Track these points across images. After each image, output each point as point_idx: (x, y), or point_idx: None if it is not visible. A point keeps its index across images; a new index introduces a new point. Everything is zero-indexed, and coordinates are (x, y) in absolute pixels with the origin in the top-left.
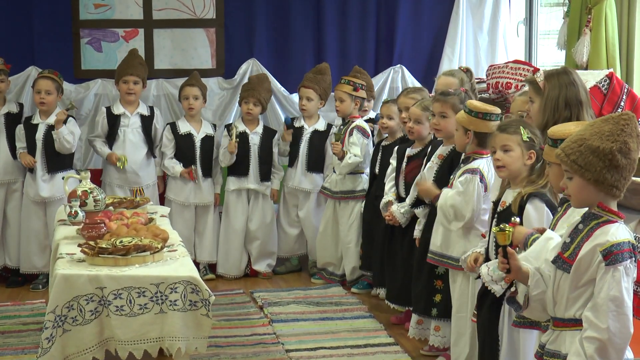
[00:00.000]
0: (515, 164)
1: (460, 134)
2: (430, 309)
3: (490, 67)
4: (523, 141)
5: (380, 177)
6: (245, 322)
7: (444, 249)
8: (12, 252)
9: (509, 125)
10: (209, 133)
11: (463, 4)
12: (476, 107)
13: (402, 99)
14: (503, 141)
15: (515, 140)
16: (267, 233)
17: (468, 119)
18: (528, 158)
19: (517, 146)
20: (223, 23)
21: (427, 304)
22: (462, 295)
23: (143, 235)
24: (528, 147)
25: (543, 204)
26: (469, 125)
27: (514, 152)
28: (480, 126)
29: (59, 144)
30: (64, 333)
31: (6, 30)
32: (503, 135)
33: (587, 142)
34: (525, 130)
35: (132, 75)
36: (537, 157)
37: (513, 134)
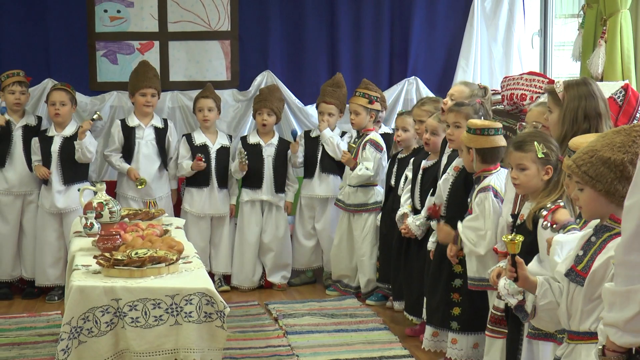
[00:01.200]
0: (532, 182)
1: (464, 154)
2: (448, 322)
3: (505, 79)
4: (538, 158)
5: (396, 189)
6: (260, 333)
7: (481, 272)
8: (28, 264)
9: (523, 142)
10: (224, 144)
11: (477, 15)
12: (474, 124)
13: (416, 110)
14: (518, 160)
15: (530, 157)
16: (281, 245)
17: (468, 137)
18: (545, 173)
19: (533, 163)
20: (238, 35)
21: (444, 316)
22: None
23: (158, 247)
24: (544, 162)
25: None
26: (470, 143)
27: (530, 170)
28: (482, 142)
29: (80, 154)
30: (80, 344)
31: (22, 42)
32: (517, 154)
33: (598, 154)
34: (540, 146)
35: (149, 88)
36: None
37: (527, 152)
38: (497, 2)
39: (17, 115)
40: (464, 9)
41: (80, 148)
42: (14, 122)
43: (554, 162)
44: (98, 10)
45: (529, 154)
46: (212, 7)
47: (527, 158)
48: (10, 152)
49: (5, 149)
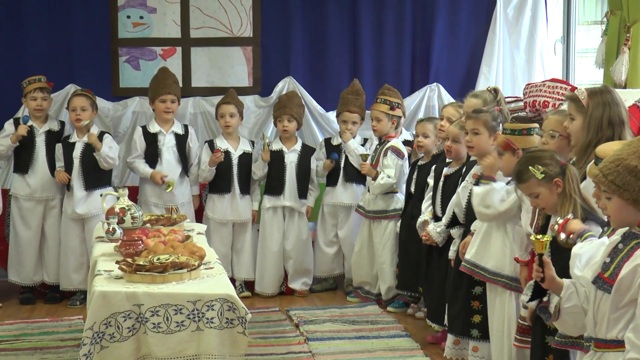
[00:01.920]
0: (550, 202)
1: (507, 157)
2: (469, 330)
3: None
4: (540, 180)
5: (416, 196)
6: (281, 340)
7: (479, 259)
8: (50, 269)
9: (520, 173)
10: (246, 150)
11: (500, 22)
12: (516, 125)
13: (449, 108)
14: (527, 190)
15: (534, 183)
16: (302, 251)
17: (515, 139)
18: (556, 188)
19: (540, 187)
20: (260, 41)
21: (465, 324)
22: (501, 312)
23: (180, 252)
24: (549, 180)
25: (599, 226)
26: (519, 144)
27: (542, 193)
28: (528, 142)
29: (103, 163)
30: (102, 350)
31: (46, 48)
32: (522, 185)
33: (624, 162)
34: (535, 168)
35: (169, 94)
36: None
37: (529, 180)
38: (520, 8)
39: (40, 121)
40: (486, 15)
41: (99, 158)
42: (37, 127)
43: (559, 172)
44: (121, 16)
45: (531, 180)
46: (235, 13)
47: (532, 185)
48: (34, 157)
49: (29, 156)
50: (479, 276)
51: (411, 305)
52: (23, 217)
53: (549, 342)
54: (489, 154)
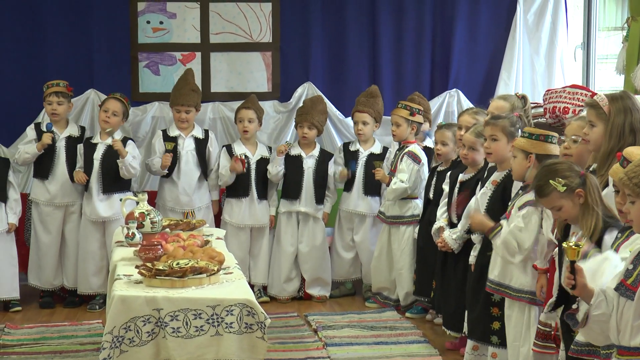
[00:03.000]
0: (573, 213)
1: (520, 160)
2: (488, 336)
3: (547, 92)
4: (562, 192)
5: (434, 202)
6: (300, 345)
7: (502, 278)
8: (70, 273)
9: (541, 188)
10: (264, 155)
11: (520, 28)
12: (536, 130)
13: (465, 117)
14: (548, 204)
15: (556, 197)
16: (318, 256)
17: (529, 143)
18: (579, 199)
19: (562, 200)
20: (279, 47)
21: (484, 331)
22: (518, 324)
23: (199, 257)
24: (571, 191)
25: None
26: (532, 149)
27: (565, 206)
28: (544, 148)
29: (124, 171)
30: (121, 354)
31: (66, 53)
32: (544, 200)
33: None
34: (556, 181)
35: (183, 105)
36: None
37: (551, 194)
38: (540, 14)
39: (60, 126)
40: (506, 21)
41: (123, 166)
42: (58, 133)
43: (580, 183)
44: (141, 21)
45: (553, 194)
46: (254, 18)
47: (555, 199)
48: (54, 163)
49: (49, 161)
50: (504, 294)
51: (430, 311)
52: (43, 222)
53: None
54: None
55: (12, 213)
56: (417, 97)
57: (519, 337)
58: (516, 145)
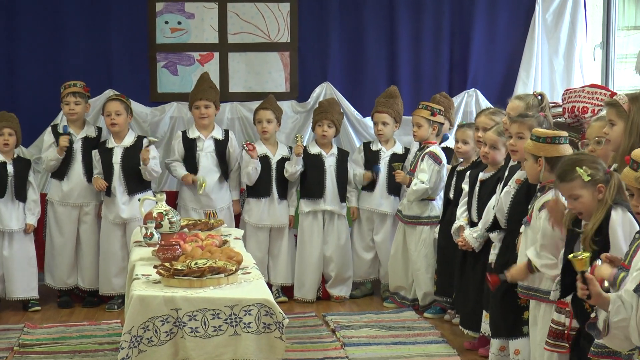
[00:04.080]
0: (590, 206)
1: (530, 164)
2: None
3: (566, 91)
4: (586, 182)
5: (455, 202)
6: (318, 345)
7: (531, 282)
8: (86, 274)
9: (566, 172)
10: (284, 155)
11: (539, 27)
12: (543, 132)
13: (482, 118)
14: (568, 191)
15: (578, 185)
16: (342, 255)
17: (536, 146)
18: (598, 193)
19: (584, 189)
20: (297, 47)
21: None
22: (545, 326)
23: (217, 257)
24: (594, 183)
25: (628, 212)
26: (539, 152)
27: (584, 197)
28: (551, 151)
29: (147, 176)
30: (140, 353)
31: (85, 54)
32: (565, 185)
33: None
34: (583, 170)
35: (202, 100)
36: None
37: (574, 180)
38: (559, 14)
39: (77, 127)
40: (524, 21)
41: (145, 171)
42: (74, 134)
43: (604, 179)
44: (159, 21)
45: (576, 181)
46: (272, 19)
47: (576, 186)
48: (71, 164)
49: (66, 162)
50: (535, 298)
51: (448, 311)
52: (57, 221)
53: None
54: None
55: (31, 214)
56: (439, 96)
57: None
58: (525, 148)
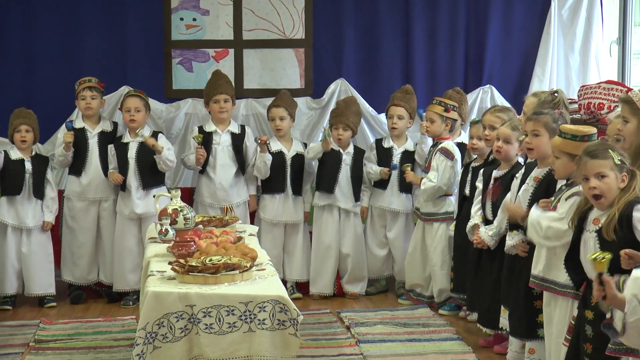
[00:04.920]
0: (612, 190)
1: (565, 161)
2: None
3: (582, 88)
4: (615, 165)
5: (470, 198)
6: (332, 342)
7: (547, 273)
8: (107, 269)
9: (598, 150)
10: (299, 151)
11: (554, 23)
12: (580, 131)
13: (488, 116)
14: (597, 168)
15: (608, 165)
16: (358, 252)
17: (574, 145)
18: (621, 181)
19: (611, 171)
20: (312, 43)
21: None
22: (562, 320)
23: (232, 253)
24: (620, 169)
25: None
26: (576, 150)
27: (609, 177)
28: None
29: (163, 165)
30: (154, 350)
31: (100, 50)
32: (595, 162)
33: None
34: (615, 153)
35: (221, 94)
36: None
37: (605, 159)
38: (575, 10)
39: (93, 122)
40: (540, 17)
41: (159, 161)
42: (90, 129)
43: (627, 170)
44: (174, 18)
45: (607, 160)
46: (287, 15)
47: (606, 165)
48: (87, 159)
49: (82, 157)
50: (549, 290)
51: (463, 308)
52: (75, 217)
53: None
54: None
55: (49, 211)
56: (452, 92)
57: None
58: (559, 147)
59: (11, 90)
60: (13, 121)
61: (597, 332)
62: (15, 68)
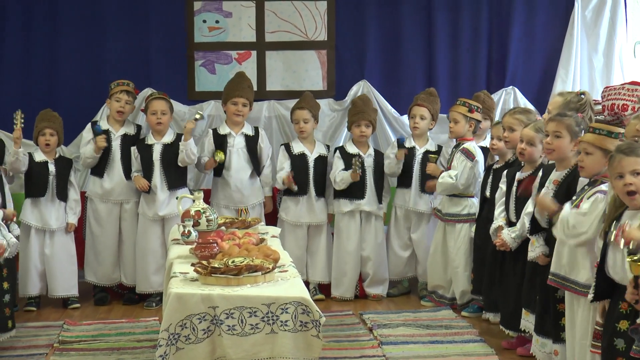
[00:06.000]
0: None
1: (598, 157)
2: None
3: (606, 89)
4: None
5: (491, 200)
6: (355, 343)
7: (569, 272)
8: (128, 270)
9: (632, 148)
10: (322, 153)
11: (578, 24)
12: (615, 128)
13: (507, 118)
14: (632, 165)
15: None
16: (379, 254)
17: (611, 141)
18: None
19: None
20: (334, 45)
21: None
22: (585, 321)
23: (254, 255)
24: None
25: None
26: (610, 146)
27: None
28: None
29: (184, 155)
30: (177, 351)
31: (123, 52)
32: (631, 159)
33: None
34: None
35: (241, 97)
36: None
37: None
38: (598, 11)
39: (118, 125)
40: (563, 18)
41: (185, 149)
42: (114, 131)
43: None
44: (197, 20)
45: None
46: (309, 17)
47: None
48: (110, 161)
49: (105, 159)
50: (570, 289)
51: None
52: (98, 219)
53: (617, 344)
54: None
55: (72, 213)
56: (483, 95)
57: (587, 334)
58: (593, 142)
59: (35, 93)
60: (38, 124)
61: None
62: (39, 70)
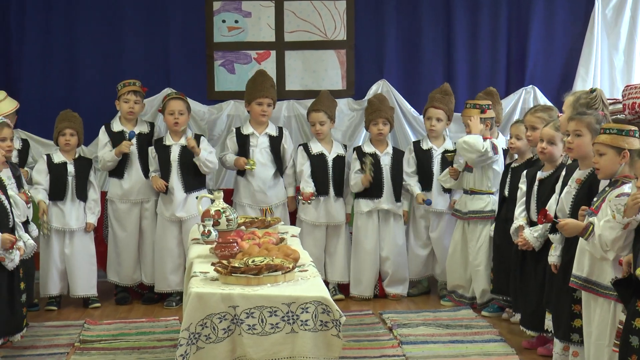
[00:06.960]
0: None
1: (612, 156)
2: (569, 334)
3: (627, 88)
4: None
5: (509, 199)
6: (375, 343)
7: (590, 274)
8: (148, 269)
9: None
10: (340, 153)
11: (598, 23)
12: (625, 126)
13: (529, 117)
14: None
15: None
16: (399, 254)
17: (622, 138)
18: None
19: None
20: (353, 44)
21: (566, 329)
22: (602, 322)
23: (274, 255)
24: None
25: None
26: (623, 144)
27: None
28: (634, 143)
29: (204, 168)
30: (198, 350)
31: (143, 53)
32: None
33: None
34: None
35: (266, 98)
36: None
37: None
38: (619, 9)
39: (131, 124)
40: (583, 17)
41: (199, 163)
42: (128, 132)
43: None
44: (217, 20)
45: None
46: (328, 16)
47: None
48: (128, 162)
49: (123, 161)
50: (591, 291)
51: (506, 309)
52: (120, 219)
53: (632, 342)
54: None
55: (91, 213)
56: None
57: (604, 335)
58: (605, 141)
59: (55, 93)
60: (58, 124)
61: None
62: (59, 71)
